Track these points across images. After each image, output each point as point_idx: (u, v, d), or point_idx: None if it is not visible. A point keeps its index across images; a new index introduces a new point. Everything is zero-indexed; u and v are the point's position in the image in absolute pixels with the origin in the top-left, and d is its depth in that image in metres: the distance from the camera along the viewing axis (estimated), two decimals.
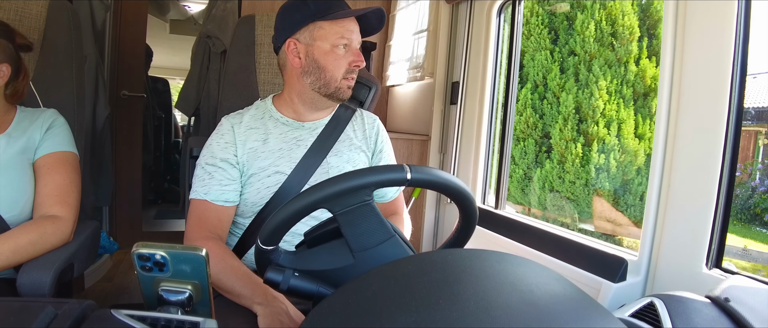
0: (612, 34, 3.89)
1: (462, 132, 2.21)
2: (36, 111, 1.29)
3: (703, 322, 0.79)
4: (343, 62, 1.20)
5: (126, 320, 0.55)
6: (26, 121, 1.24)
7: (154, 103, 4.17)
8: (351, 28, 1.19)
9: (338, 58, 1.19)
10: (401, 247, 0.78)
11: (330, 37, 1.18)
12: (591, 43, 3.91)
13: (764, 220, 3.33)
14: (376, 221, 0.77)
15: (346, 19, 1.19)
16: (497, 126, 2.15)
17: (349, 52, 1.20)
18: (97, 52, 2.46)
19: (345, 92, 1.22)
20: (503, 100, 2.14)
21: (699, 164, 1.19)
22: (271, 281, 0.76)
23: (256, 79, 1.50)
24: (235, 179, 1.20)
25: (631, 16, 3.87)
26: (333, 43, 1.18)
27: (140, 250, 0.58)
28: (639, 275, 1.31)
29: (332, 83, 1.21)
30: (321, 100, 1.24)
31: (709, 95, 1.17)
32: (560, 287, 0.56)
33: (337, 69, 1.20)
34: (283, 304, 1.03)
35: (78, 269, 1.19)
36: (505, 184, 2.10)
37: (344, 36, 1.18)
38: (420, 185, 0.78)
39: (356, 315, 0.51)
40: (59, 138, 1.26)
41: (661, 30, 2.32)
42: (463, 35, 2.20)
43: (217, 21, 2.87)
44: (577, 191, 3.97)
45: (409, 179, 0.74)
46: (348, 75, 1.21)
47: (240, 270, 1.08)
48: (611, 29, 3.89)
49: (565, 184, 4.01)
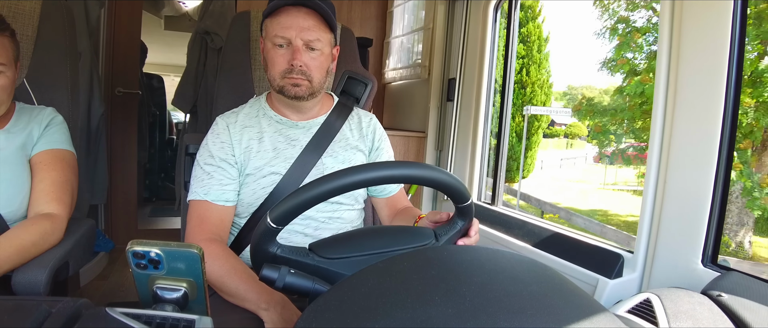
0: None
1: (458, 129, 2.22)
2: (34, 108, 1.28)
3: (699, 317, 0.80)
4: (282, 61, 1.15)
5: (121, 318, 0.55)
6: (25, 117, 1.24)
7: (149, 100, 4.16)
8: (288, 24, 1.13)
9: (278, 56, 1.15)
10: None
11: (270, 35, 1.16)
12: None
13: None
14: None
15: (284, 16, 1.14)
16: (494, 122, 2.15)
17: (288, 50, 1.15)
18: (91, 49, 2.45)
19: (289, 90, 1.16)
20: (500, 97, 2.14)
21: (695, 160, 1.20)
22: (266, 278, 0.75)
23: (251, 76, 1.50)
24: (234, 179, 1.19)
25: None
26: (273, 41, 1.15)
27: (135, 248, 0.58)
28: (635, 271, 1.31)
29: (274, 82, 1.18)
30: (285, 99, 1.20)
31: (705, 92, 1.18)
32: (556, 283, 0.56)
33: (274, 67, 1.16)
34: (289, 311, 1.01)
35: (73, 267, 1.18)
36: (501, 180, 2.10)
37: (278, 33, 1.14)
38: (424, 184, 0.78)
39: (352, 312, 0.51)
40: (57, 136, 1.26)
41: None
42: (460, 32, 2.19)
43: (216, 17, 2.87)
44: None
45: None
46: (287, 74, 1.15)
47: (245, 273, 1.05)
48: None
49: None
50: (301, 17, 1.14)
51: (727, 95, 1.15)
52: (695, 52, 1.21)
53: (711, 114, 1.16)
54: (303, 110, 1.26)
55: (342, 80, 1.46)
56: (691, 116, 1.21)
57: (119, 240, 3.07)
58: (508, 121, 2.13)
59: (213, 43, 2.91)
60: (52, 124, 1.26)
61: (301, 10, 1.15)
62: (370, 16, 2.88)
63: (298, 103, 1.22)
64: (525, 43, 9.28)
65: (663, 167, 1.27)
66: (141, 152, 3.46)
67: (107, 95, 2.91)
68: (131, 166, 3.17)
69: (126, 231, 3.15)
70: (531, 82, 9.33)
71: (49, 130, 1.25)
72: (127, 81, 3.05)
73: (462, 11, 2.19)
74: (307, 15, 1.15)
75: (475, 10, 2.13)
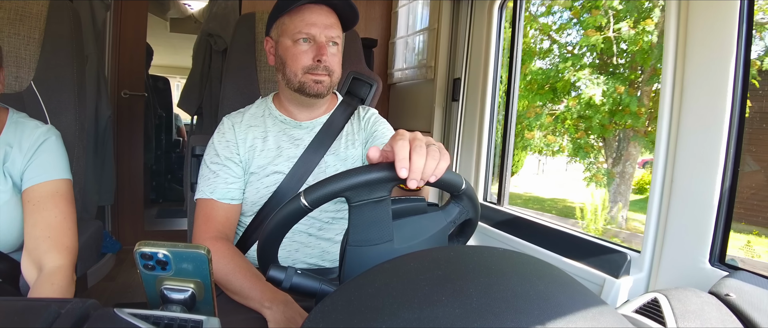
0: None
1: (463, 129, 2.21)
2: (27, 123, 1.15)
3: (707, 317, 0.79)
4: (305, 57, 1.16)
5: (129, 318, 0.55)
6: (15, 131, 1.12)
7: (154, 102, 4.18)
8: (312, 20, 1.15)
9: (300, 52, 1.16)
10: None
11: (290, 31, 1.17)
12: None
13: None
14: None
15: (307, 13, 1.16)
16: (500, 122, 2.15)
17: (312, 46, 1.16)
18: (98, 52, 2.47)
19: (311, 87, 1.18)
20: (505, 96, 2.13)
21: (702, 158, 1.19)
22: (273, 279, 0.75)
23: (256, 77, 1.50)
24: (239, 177, 1.20)
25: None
26: (293, 38, 1.16)
27: (143, 249, 0.58)
28: (642, 270, 1.31)
29: (294, 79, 1.18)
30: (301, 97, 1.21)
31: (712, 90, 1.17)
32: (563, 283, 0.56)
33: (297, 64, 1.17)
34: (291, 309, 1.02)
35: (81, 268, 1.19)
36: (507, 180, 2.09)
37: (303, 30, 1.15)
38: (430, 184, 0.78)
39: (359, 312, 0.51)
40: (50, 163, 1.11)
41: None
42: (465, 32, 2.19)
43: (219, 19, 2.88)
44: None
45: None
46: (311, 70, 1.16)
47: (249, 272, 1.07)
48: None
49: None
50: (324, 15, 1.17)
51: (733, 93, 1.14)
52: (701, 52, 1.20)
53: (718, 112, 1.15)
54: (312, 108, 1.27)
55: (347, 81, 1.47)
56: (697, 114, 1.20)
57: (126, 241, 3.09)
58: (514, 121, 2.12)
59: (216, 46, 2.92)
60: (44, 146, 1.11)
61: (323, 7, 1.18)
62: (375, 16, 2.88)
63: (311, 101, 1.23)
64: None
65: (670, 165, 1.26)
66: (147, 154, 3.48)
67: (113, 97, 2.92)
68: (138, 167, 3.18)
69: (133, 232, 3.17)
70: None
71: (40, 157, 1.10)
72: (133, 83, 3.07)
73: (466, 10, 2.19)
74: (330, 13, 1.18)
75: (479, 10, 2.12)
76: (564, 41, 6.47)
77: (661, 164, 1.28)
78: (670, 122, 1.27)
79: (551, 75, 6.20)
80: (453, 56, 2.33)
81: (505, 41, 2.12)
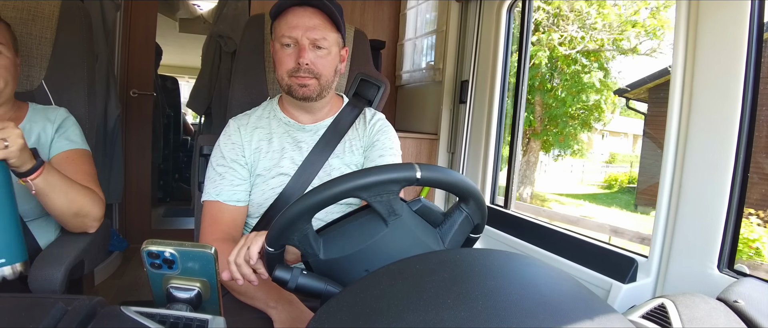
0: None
1: (471, 131, 2.21)
2: (48, 107, 1.29)
3: (715, 324, 0.79)
4: (289, 60, 1.16)
5: (135, 316, 0.55)
6: (39, 116, 1.25)
7: (163, 101, 4.20)
8: (294, 23, 1.14)
9: (285, 56, 1.16)
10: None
11: (277, 35, 1.17)
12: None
13: None
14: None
15: (291, 16, 1.15)
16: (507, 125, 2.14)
17: (295, 49, 1.16)
18: (107, 51, 2.49)
19: (296, 91, 1.17)
20: (513, 99, 2.13)
21: (711, 163, 1.18)
22: (279, 279, 0.76)
23: (265, 78, 1.51)
24: (245, 179, 1.20)
25: None
26: (281, 42, 1.16)
27: (149, 247, 0.59)
28: (649, 275, 1.30)
29: (282, 82, 1.18)
30: (296, 100, 1.21)
31: (722, 94, 1.16)
32: (569, 288, 0.55)
33: (282, 67, 1.17)
34: (297, 309, 1.02)
35: (88, 265, 1.20)
36: (514, 183, 2.09)
37: (286, 33, 1.14)
38: (430, 185, 0.77)
39: (364, 314, 0.51)
40: (74, 137, 1.26)
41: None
42: (473, 34, 2.19)
43: (229, 21, 2.89)
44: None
45: (419, 177, 0.74)
46: (294, 73, 1.16)
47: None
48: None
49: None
50: (306, 16, 1.15)
51: (744, 97, 1.13)
52: (711, 52, 1.19)
53: (727, 116, 1.14)
54: (312, 111, 1.26)
55: (355, 83, 1.47)
56: (706, 118, 1.19)
57: (133, 240, 3.11)
58: (522, 123, 2.12)
59: (226, 47, 2.94)
60: (65, 124, 1.26)
61: (306, 9, 1.16)
62: (383, 18, 2.88)
63: (306, 104, 1.23)
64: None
65: (678, 170, 1.25)
66: (155, 153, 3.50)
67: (122, 96, 2.94)
68: (146, 166, 3.20)
69: (140, 231, 3.18)
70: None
71: (65, 131, 1.25)
72: (142, 83, 3.09)
73: (474, 12, 2.19)
74: (313, 14, 1.16)
75: (487, 12, 2.12)
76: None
77: (669, 168, 1.27)
78: (679, 126, 1.26)
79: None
80: (461, 58, 2.33)
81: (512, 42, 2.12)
